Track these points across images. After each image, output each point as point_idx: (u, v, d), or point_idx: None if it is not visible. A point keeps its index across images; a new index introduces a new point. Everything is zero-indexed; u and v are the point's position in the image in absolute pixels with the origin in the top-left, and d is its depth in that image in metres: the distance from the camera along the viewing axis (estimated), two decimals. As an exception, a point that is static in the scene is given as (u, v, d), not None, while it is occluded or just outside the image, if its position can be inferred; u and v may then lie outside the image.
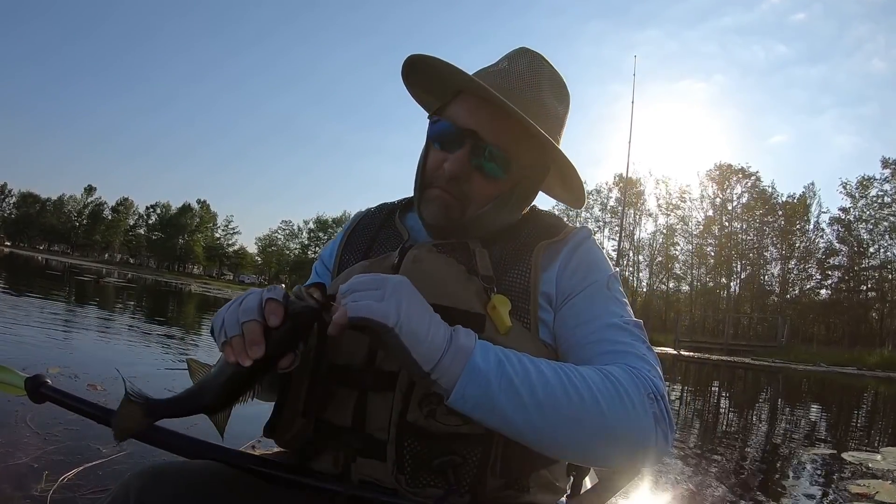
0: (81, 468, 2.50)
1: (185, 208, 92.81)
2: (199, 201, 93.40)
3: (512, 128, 0.91)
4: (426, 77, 1.01)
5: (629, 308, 0.93)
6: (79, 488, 2.34)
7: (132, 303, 15.35)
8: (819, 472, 4.61)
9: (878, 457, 5.12)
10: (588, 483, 1.07)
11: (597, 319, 0.89)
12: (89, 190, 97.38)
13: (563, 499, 0.99)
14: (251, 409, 0.83)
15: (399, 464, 0.81)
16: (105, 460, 2.63)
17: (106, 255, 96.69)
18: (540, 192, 1.07)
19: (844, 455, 5.09)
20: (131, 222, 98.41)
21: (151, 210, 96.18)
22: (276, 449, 1.00)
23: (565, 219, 1.05)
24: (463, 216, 0.95)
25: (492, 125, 0.91)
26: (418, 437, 0.81)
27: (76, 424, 2.97)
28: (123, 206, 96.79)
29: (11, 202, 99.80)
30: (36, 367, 4.40)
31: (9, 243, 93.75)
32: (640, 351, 0.87)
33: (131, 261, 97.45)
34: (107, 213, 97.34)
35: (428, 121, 1.00)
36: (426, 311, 0.76)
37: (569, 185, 1.06)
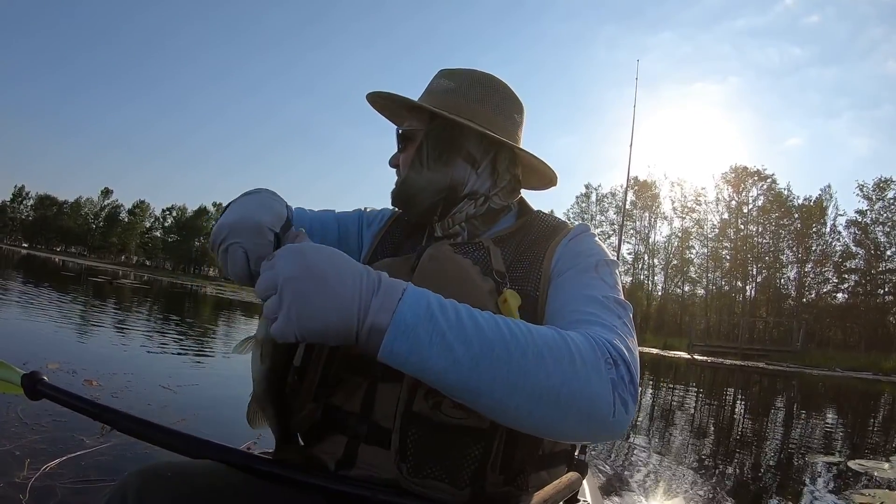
0: (64, 458, 2.52)
1: (201, 211, 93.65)
2: (214, 204, 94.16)
3: (410, 112, 1.12)
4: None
5: (619, 290, 0.93)
6: (60, 477, 2.35)
7: (144, 303, 15.48)
8: (824, 480, 4.50)
9: (886, 465, 4.99)
10: (587, 490, 1.07)
11: (577, 292, 0.90)
12: (106, 193, 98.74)
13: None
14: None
15: (402, 452, 0.82)
16: (88, 451, 2.64)
17: (122, 258, 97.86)
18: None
19: (851, 463, 4.98)
20: (147, 225, 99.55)
21: (167, 213, 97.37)
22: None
23: (578, 221, 1.16)
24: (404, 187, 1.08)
25: (404, 119, 1.13)
26: (422, 427, 0.82)
27: (64, 416, 2.99)
28: (140, 208, 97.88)
29: (29, 204, 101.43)
30: (36, 361, 4.45)
31: (26, 245, 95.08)
32: (611, 322, 0.84)
33: (147, 263, 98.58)
34: (123, 215, 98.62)
35: None
36: (323, 291, 0.69)
37: (529, 166, 1.15)
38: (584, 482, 1.06)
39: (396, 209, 1.18)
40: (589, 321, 0.83)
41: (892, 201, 44.04)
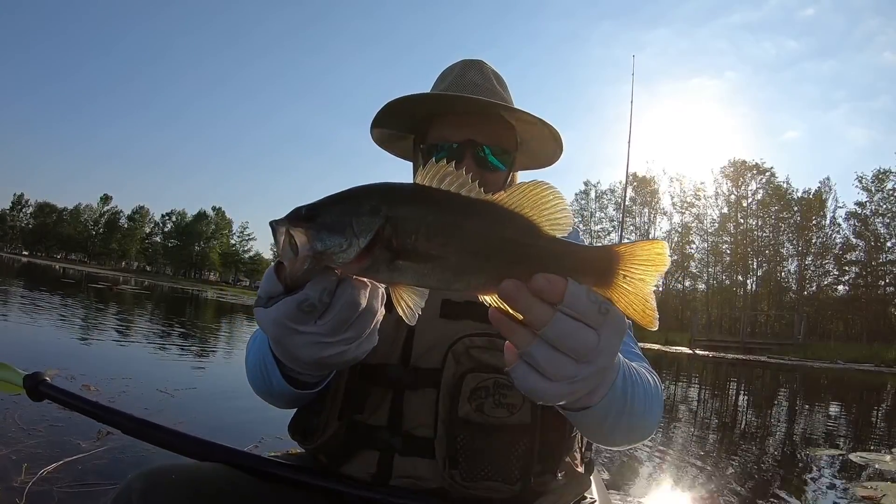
0: (61, 462, 2.51)
1: (201, 215, 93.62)
2: (214, 208, 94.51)
3: (495, 125, 1.03)
4: (396, 118, 1.09)
5: None
6: (57, 481, 2.35)
7: (144, 309, 15.46)
8: (827, 472, 4.47)
9: (888, 457, 4.96)
10: (594, 488, 1.09)
11: None
12: (105, 199, 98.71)
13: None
14: (254, 411, 0.82)
15: (451, 459, 0.82)
16: (85, 455, 2.63)
17: (123, 264, 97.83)
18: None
19: (853, 455, 4.96)
20: (147, 230, 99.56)
21: (167, 218, 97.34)
22: (283, 451, 1.01)
23: (579, 220, 1.13)
24: None
25: (483, 130, 1.02)
26: (470, 431, 0.82)
27: (61, 421, 2.99)
28: (139, 214, 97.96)
29: (29, 212, 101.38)
30: (35, 368, 4.42)
31: (26, 253, 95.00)
32: (641, 353, 0.98)
33: (148, 268, 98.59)
34: (123, 221, 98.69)
35: (420, 150, 1.08)
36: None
37: (536, 143, 1.12)
38: (591, 478, 1.07)
39: None
40: (634, 354, 0.95)
41: (891, 192, 44.03)
